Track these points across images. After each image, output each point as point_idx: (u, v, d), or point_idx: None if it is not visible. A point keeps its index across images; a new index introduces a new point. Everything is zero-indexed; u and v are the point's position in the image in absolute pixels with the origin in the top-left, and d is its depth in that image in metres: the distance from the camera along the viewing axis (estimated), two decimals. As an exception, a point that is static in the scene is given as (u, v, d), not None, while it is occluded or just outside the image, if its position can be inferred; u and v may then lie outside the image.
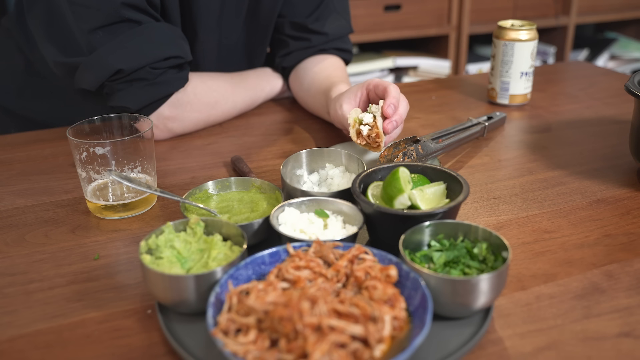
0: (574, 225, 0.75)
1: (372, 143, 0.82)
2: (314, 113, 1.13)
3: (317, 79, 1.09)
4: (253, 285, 0.53)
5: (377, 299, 0.52)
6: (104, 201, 0.78)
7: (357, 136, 0.83)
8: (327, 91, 1.01)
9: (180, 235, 0.63)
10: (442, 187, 0.70)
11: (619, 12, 2.77)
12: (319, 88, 1.06)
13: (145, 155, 0.79)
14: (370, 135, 0.81)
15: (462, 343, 0.54)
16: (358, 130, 0.82)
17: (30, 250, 0.72)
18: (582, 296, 0.61)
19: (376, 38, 2.36)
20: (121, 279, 0.66)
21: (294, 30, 1.16)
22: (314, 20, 1.15)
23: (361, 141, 0.82)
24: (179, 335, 0.56)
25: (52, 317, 0.60)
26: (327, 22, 1.15)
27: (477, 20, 2.52)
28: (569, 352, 0.54)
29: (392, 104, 0.83)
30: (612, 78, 1.38)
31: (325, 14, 1.15)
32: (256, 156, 0.97)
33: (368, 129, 0.81)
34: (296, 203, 0.69)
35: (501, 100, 1.19)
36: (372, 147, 0.82)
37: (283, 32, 1.17)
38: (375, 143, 0.82)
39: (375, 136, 0.81)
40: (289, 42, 1.16)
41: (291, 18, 1.15)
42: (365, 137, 0.82)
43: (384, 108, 0.83)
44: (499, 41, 1.15)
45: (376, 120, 0.82)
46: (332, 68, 1.14)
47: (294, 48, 1.16)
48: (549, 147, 0.99)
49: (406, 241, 0.60)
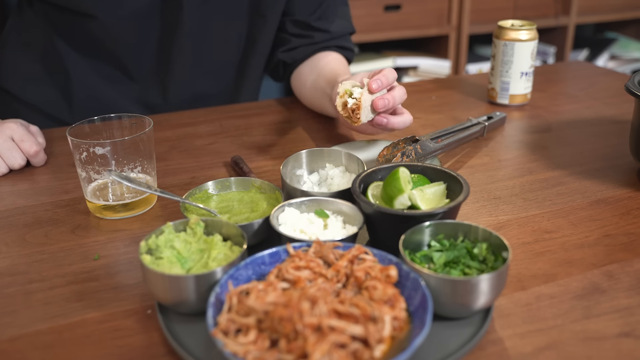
0: (574, 225, 0.75)
1: (353, 117, 0.82)
2: (318, 109, 1.12)
3: (323, 73, 1.09)
4: (253, 286, 0.53)
5: (377, 299, 0.52)
6: (104, 201, 0.78)
7: (342, 107, 0.83)
8: (333, 82, 1.00)
9: (180, 236, 0.63)
10: (442, 187, 0.70)
11: (619, 12, 2.77)
12: (325, 81, 1.05)
13: (145, 155, 0.79)
14: (354, 110, 0.81)
15: (462, 343, 0.54)
16: (345, 102, 0.82)
17: (30, 250, 0.72)
18: (582, 296, 0.61)
19: (376, 38, 2.36)
20: (121, 279, 0.66)
21: (297, 28, 1.16)
22: (317, 18, 1.15)
23: (344, 112, 0.83)
24: (179, 335, 0.56)
25: (52, 317, 0.60)
26: (330, 20, 1.16)
27: (477, 20, 2.52)
28: (569, 352, 0.54)
29: (379, 78, 0.82)
30: (612, 78, 1.38)
31: (327, 13, 1.16)
32: (256, 156, 0.97)
33: (353, 102, 0.81)
34: (296, 203, 0.69)
35: (501, 100, 1.19)
36: (352, 120, 0.82)
37: (285, 30, 1.17)
38: (355, 117, 0.81)
39: (356, 109, 0.81)
40: (291, 39, 1.16)
41: (294, 16, 1.15)
42: (349, 109, 0.82)
43: (369, 82, 0.82)
44: (499, 41, 1.15)
45: (362, 95, 0.81)
46: (338, 64, 1.13)
47: (298, 44, 1.16)
48: (549, 147, 0.99)
49: (406, 241, 0.60)
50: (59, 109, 1.15)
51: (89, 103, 1.14)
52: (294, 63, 1.17)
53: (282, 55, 1.18)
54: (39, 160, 0.94)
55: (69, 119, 1.15)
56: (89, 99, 1.14)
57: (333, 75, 1.05)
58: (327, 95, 1.03)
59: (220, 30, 1.12)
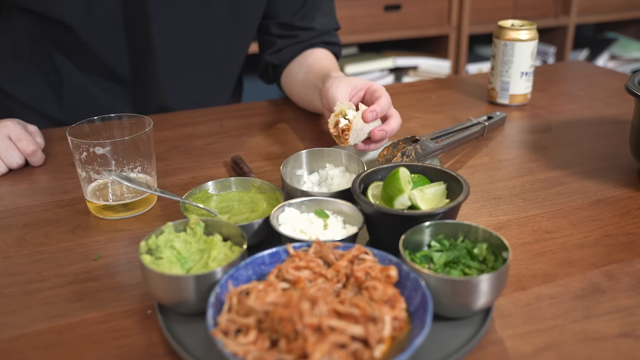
0: (574, 226, 0.75)
1: (342, 137, 0.83)
2: (308, 105, 1.12)
3: (313, 70, 1.09)
4: (253, 286, 0.53)
5: (377, 300, 0.52)
6: (104, 201, 0.78)
7: (333, 125, 0.84)
8: (325, 77, 1.00)
9: (180, 236, 0.63)
10: (442, 187, 0.70)
11: (619, 12, 2.77)
12: (315, 77, 1.06)
13: (145, 155, 0.79)
14: (344, 130, 0.83)
15: (462, 343, 0.54)
16: (337, 121, 0.84)
17: (30, 250, 0.72)
18: (582, 296, 0.61)
19: (376, 38, 2.36)
20: (121, 279, 0.66)
21: (281, 30, 1.16)
22: (300, 18, 1.15)
23: (334, 131, 0.84)
24: (179, 335, 0.56)
25: (52, 317, 0.60)
26: (313, 18, 1.16)
27: (477, 20, 2.52)
28: (569, 353, 0.54)
29: (374, 110, 0.84)
30: (612, 78, 1.38)
31: (311, 12, 1.16)
32: (256, 156, 0.97)
33: (345, 124, 0.82)
34: (296, 203, 0.69)
35: (501, 100, 1.19)
36: (340, 140, 0.84)
37: (270, 32, 1.17)
38: (344, 138, 0.83)
39: (347, 130, 0.82)
40: (277, 41, 1.17)
41: (277, 19, 1.16)
42: (340, 129, 0.83)
43: (365, 111, 0.84)
44: (499, 41, 1.15)
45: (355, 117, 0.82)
46: (325, 59, 1.14)
47: (283, 45, 1.16)
48: (549, 147, 0.99)
49: (406, 241, 0.60)
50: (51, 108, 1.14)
51: (80, 102, 1.13)
52: (282, 64, 1.18)
53: (269, 58, 1.18)
54: (36, 159, 0.94)
55: (60, 116, 1.15)
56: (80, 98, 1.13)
57: (323, 70, 1.05)
58: (318, 89, 1.02)
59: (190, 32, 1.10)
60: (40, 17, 1.05)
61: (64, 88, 1.12)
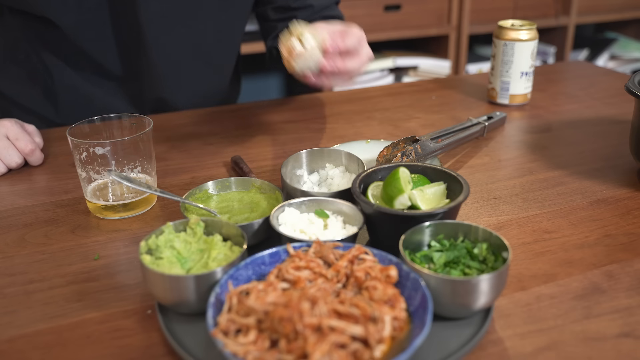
0: (574, 226, 0.75)
1: (289, 60, 0.77)
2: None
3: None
4: (253, 286, 0.53)
5: (377, 300, 0.52)
6: (104, 201, 0.78)
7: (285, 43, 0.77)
8: None
9: (180, 236, 0.63)
10: (442, 187, 0.70)
11: (619, 12, 2.77)
12: None
13: (145, 155, 0.79)
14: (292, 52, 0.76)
15: (462, 343, 0.54)
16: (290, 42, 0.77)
17: (30, 250, 0.72)
18: (582, 296, 0.61)
19: (376, 38, 2.36)
20: (121, 279, 0.66)
21: (279, 13, 1.15)
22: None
23: (285, 51, 0.77)
24: (179, 335, 0.56)
25: (52, 317, 0.60)
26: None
27: (477, 20, 2.52)
28: (569, 353, 0.54)
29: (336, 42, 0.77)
30: (612, 78, 1.38)
31: None
32: (256, 156, 0.97)
33: (299, 48, 0.76)
34: (296, 203, 0.69)
35: (501, 100, 1.19)
36: (289, 62, 0.77)
37: (268, 18, 1.17)
38: (290, 62, 0.77)
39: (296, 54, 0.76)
40: (277, 25, 1.16)
41: (273, 4, 1.15)
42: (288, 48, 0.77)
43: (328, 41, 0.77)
44: (499, 41, 1.15)
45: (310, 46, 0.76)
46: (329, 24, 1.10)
47: (283, 28, 1.14)
48: (549, 147, 0.99)
49: (406, 241, 0.60)
50: (46, 109, 1.14)
51: (75, 101, 1.13)
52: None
53: (271, 43, 1.17)
54: (35, 159, 0.94)
55: (56, 118, 1.14)
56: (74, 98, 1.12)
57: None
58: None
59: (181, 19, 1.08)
60: (27, 16, 1.04)
61: (56, 87, 1.11)
